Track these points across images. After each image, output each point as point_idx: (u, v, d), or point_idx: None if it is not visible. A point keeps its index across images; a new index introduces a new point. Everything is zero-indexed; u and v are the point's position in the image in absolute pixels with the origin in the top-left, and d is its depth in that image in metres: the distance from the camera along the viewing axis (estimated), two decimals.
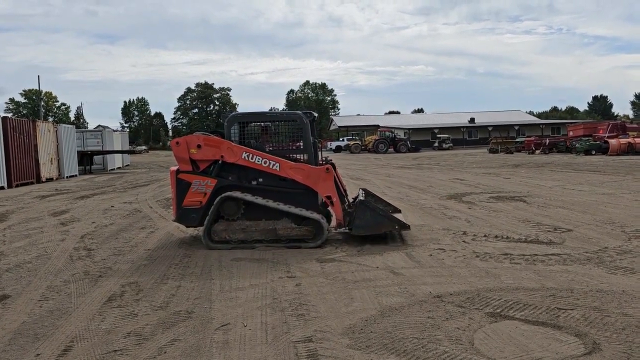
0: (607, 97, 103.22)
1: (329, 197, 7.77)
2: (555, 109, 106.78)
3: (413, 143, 52.41)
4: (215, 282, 5.87)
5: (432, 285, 5.49)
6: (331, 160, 8.54)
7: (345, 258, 6.82)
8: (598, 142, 33.96)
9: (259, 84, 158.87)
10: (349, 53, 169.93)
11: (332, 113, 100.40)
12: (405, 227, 7.87)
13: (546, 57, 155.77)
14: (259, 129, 8.43)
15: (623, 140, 33.00)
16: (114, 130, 39.21)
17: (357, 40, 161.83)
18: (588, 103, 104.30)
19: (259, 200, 7.64)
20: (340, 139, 62.48)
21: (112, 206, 13.11)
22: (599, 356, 3.65)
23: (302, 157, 8.04)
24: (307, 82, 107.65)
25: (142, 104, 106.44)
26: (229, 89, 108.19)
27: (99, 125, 54.74)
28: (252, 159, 7.68)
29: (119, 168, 32.95)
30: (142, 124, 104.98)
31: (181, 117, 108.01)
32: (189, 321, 4.62)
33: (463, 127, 62.28)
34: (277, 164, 7.68)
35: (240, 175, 7.80)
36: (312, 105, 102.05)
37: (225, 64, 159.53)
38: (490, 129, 60.15)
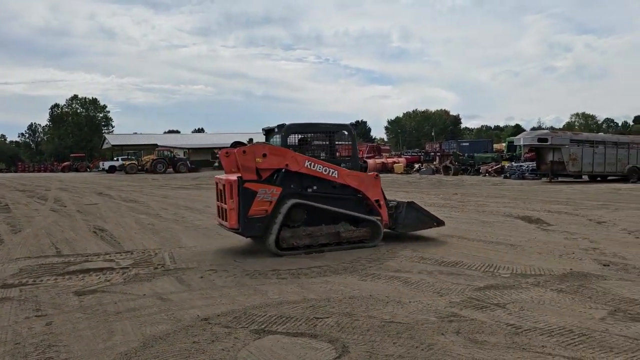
0: (366, 122, 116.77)
1: (377, 201, 8.56)
2: None
3: (193, 163, 51.89)
4: None
5: (201, 308, 5.42)
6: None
7: (109, 288, 6.33)
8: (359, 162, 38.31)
9: (15, 96, 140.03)
10: (124, 68, 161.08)
11: (105, 131, 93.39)
12: (441, 223, 9.17)
13: (317, 84, 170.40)
14: (312, 138, 8.95)
15: (378, 160, 37.87)
16: None
17: (132, 55, 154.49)
18: None
19: (333, 208, 8.20)
20: (115, 159, 58.38)
21: None
22: (347, 358, 4.02)
23: (347, 165, 8.74)
24: (76, 96, 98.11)
25: None
26: None
27: None
28: (313, 167, 8.10)
29: None
30: None
31: None
32: None
33: None
34: (336, 172, 8.27)
35: (303, 184, 8.08)
36: (82, 121, 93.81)
37: None
38: None
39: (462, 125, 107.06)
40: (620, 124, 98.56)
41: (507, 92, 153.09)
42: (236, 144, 8.47)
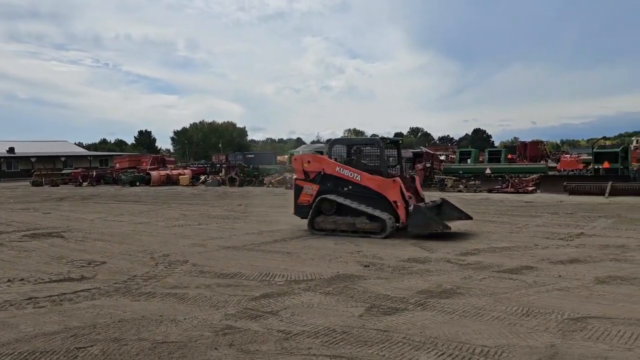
0: (151, 132, 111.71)
1: (395, 202, 10.24)
2: (104, 140, 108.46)
3: None
4: None
5: None
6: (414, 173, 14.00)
7: None
8: (142, 174, 36.40)
9: None
10: None
11: None
12: (447, 227, 10.02)
13: (94, 90, 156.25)
14: (352, 150, 11.29)
15: (163, 172, 36.48)
16: None
17: None
18: (135, 137, 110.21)
19: (345, 200, 10.55)
20: None
21: None
22: None
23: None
24: None
25: None
26: None
27: None
28: (342, 171, 10.66)
29: None
30: None
31: None
32: None
33: (1, 157, 55.58)
34: (359, 176, 10.52)
35: (336, 184, 10.68)
36: None
37: None
38: (33, 160, 55.81)
39: (249, 138, 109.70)
40: None
41: (290, 107, 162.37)
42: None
